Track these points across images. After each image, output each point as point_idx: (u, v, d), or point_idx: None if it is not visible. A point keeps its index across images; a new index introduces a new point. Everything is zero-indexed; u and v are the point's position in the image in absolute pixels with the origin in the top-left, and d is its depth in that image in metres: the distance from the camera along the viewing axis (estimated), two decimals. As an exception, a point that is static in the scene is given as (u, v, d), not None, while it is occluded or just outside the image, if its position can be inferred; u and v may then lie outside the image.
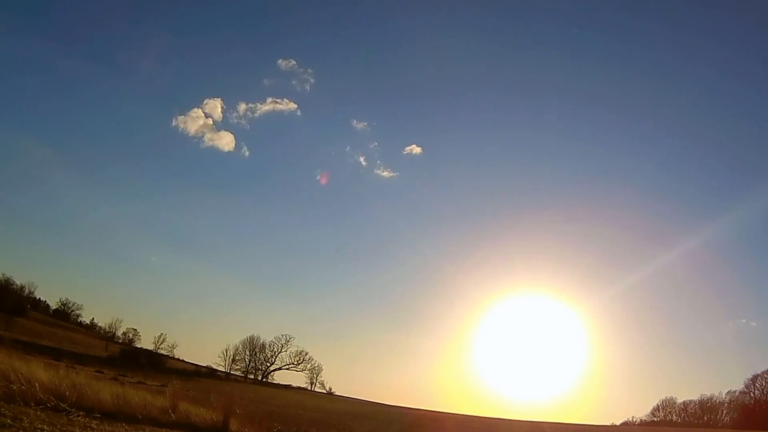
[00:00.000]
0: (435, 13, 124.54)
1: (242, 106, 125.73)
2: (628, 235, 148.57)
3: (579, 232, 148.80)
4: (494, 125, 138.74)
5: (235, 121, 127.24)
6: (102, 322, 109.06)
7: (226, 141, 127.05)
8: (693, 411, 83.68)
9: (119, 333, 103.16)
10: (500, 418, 58.97)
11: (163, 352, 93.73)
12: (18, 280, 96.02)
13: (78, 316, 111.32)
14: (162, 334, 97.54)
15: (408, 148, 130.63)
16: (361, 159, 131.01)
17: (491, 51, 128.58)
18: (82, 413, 12.09)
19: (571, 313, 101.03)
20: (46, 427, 9.64)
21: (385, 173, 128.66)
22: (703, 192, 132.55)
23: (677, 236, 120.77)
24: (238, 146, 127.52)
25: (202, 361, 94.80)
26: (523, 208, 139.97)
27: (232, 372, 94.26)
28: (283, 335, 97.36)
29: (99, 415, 12.46)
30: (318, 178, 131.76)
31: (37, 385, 12.21)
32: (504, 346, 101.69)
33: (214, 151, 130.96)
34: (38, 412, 10.89)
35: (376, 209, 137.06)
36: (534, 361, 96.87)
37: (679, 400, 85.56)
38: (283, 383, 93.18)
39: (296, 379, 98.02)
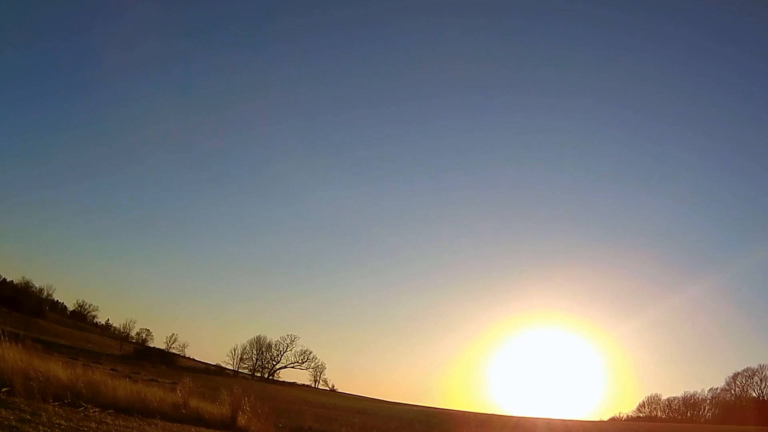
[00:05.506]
0: (434, 15, 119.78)
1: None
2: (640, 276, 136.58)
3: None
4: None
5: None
6: (116, 322, 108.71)
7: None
8: (677, 407, 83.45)
9: (133, 333, 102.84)
10: (496, 414, 58.63)
11: (174, 351, 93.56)
12: (37, 283, 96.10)
13: (94, 317, 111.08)
14: (174, 334, 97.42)
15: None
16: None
17: (491, 52, 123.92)
18: (97, 409, 11.99)
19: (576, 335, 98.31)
20: (63, 422, 9.53)
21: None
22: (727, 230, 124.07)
23: (689, 276, 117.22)
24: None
25: (212, 360, 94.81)
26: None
27: (240, 370, 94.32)
28: (288, 335, 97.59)
29: (114, 411, 12.35)
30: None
31: (54, 382, 12.11)
32: (506, 358, 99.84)
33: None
34: (56, 408, 10.79)
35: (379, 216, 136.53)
36: (539, 380, 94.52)
37: (664, 397, 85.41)
38: (289, 381, 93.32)
39: (301, 377, 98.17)
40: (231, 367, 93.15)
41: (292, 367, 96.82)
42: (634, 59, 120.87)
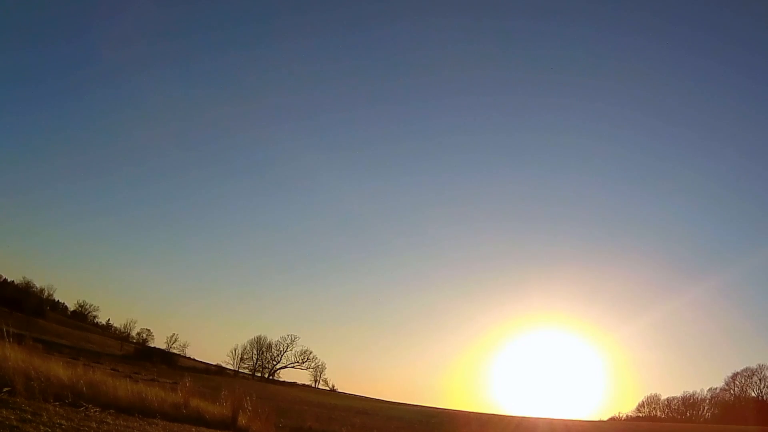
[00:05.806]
0: (437, 16, 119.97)
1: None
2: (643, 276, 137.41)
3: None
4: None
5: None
6: (117, 322, 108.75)
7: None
8: (676, 407, 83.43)
9: (134, 333, 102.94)
10: (497, 415, 58.60)
11: (175, 351, 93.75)
12: (38, 283, 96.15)
13: (94, 317, 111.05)
14: (174, 334, 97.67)
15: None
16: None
17: (494, 52, 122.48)
18: (98, 409, 11.95)
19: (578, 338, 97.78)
20: (63, 421, 9.49)
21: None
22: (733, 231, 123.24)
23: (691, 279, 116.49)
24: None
25: (212, 360, 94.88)
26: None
27: (240, 370, 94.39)
28: (288, 335, 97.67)
29: (114, 411, 12.32)
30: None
31: (55, 382, 12.06)
32: (507, 358, 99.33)
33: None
34: (57, 408, 10.74)
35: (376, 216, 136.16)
36: (540, 381, 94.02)
37: (663, 397, 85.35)
38: (289, 381, 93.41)
39: (301, 376, 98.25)
40: (231, 367, 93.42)
41: (293, 367, 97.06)
42: (635, 59, 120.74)
